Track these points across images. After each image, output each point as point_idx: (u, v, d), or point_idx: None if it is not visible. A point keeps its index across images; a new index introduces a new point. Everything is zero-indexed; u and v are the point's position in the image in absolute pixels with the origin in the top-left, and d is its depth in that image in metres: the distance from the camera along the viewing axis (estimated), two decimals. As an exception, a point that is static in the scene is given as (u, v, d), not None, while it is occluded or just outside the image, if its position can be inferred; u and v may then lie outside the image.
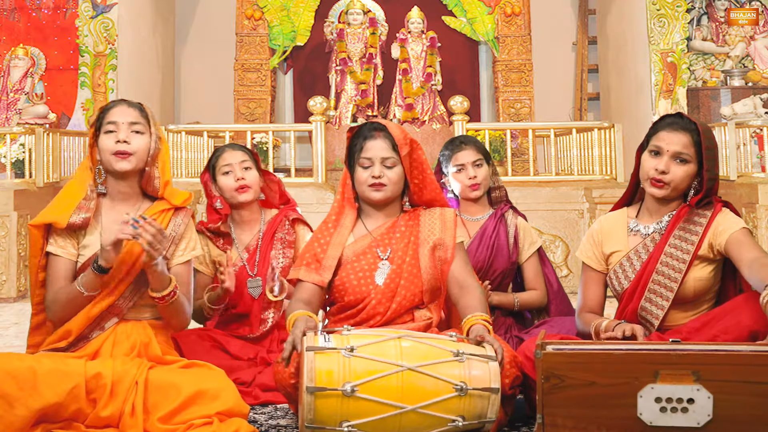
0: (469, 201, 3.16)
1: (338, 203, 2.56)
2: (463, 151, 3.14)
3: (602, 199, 5.50)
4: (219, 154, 3.06)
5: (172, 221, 2.48)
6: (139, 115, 2.45)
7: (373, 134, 2.50)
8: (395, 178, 2.48)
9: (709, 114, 7.17)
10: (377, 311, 2.43)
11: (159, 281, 2.33)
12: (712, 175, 2.41)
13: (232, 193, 2.99)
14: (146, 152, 2.43)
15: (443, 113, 7.51)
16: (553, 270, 3.21)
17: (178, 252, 2.48)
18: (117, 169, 2.40)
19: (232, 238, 3.03)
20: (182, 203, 2.50)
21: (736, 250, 2.33)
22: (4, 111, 7.15)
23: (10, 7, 7.34)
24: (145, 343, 2.40)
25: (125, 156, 2.40)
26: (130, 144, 2.40)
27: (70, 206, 2.39)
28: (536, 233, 3.24)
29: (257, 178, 3.03)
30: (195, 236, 2.55)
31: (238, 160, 3.00)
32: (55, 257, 2.39)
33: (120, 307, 2.39)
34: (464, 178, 3.11)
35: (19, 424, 2.07)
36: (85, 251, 2.40)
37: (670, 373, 1.90)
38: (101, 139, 2.43)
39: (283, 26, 8.31)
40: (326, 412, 2.00)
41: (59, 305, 2.35)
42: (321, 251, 2.49)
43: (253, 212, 3.06)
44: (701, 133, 2.40)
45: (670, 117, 2.47)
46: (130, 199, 2.47)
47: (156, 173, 2.46)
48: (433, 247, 2.48)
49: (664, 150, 2.41)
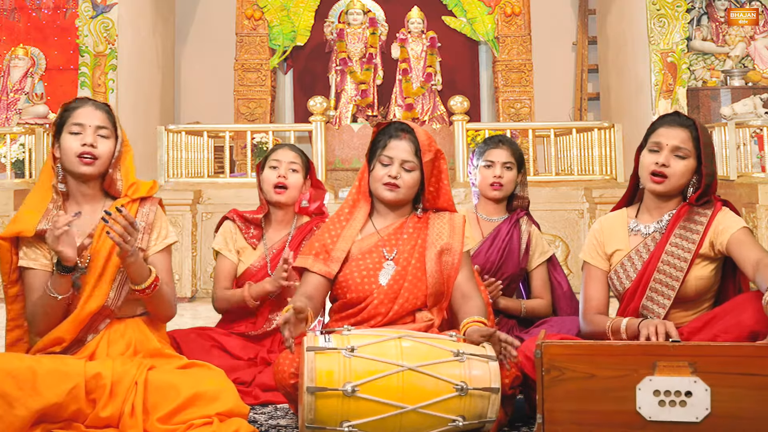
0: (488, 200, 3.15)
1: (353, 197, 2.56)
2: (498, 149, 3.13)
3: (602, 199, 5.50)
4: (275, 149, 3.13)
5: (139, 212, 2.44)
6: (106, 118, 2.41)
7: (400, 134, 2.49)
8: (411, 183, 2.48)
9: (709, 114, 7.17)
10: (378, 311, 2.42)
11: (138, 274, 2.30)
12: (710, 171, 2.44)
13: (269, 188, 3.02)
14: (110, 157, 2.39)
15: (443, 113, 7.51)
16: (565, 277, 3.21)
17: (151, 242, 2.45)
18: (81, 172, 2.36)
19: (262, 234, 3.05)
20: (147, 193, 2.46)
21: (739, 250, 2.34)
22: (4, 111, 7.16)
23: (10, 7, 7.34)
24: (141, 339, 2.39)
25: (91, 161, 2.35)
26: (96, 148, 2.35)
27: (38, 213, 2.34)
28: (548, 243, 3.24)
29: (299, 183, 3.05)
30: (166, 224, 2.51)
31: (287, 159, 3.05)
32: (29, 270, 2.34)
33: (110, 308, 2.36)
34: (489, 174, 3.11)
35: (19, 425, 2.06)
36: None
37: (667, 365, 1.91)
38: (65, 138, 2.37)
39: (283, 26, 8.31)
40: (327, 412, 2.00)
41: (39, 317, 2.32)
42: (331, 242, 2.48)
43: (287, 214, 3.09)
44: (698, 129, 2.44)
45: (668, 115, 2.52)
46: (93, 199, 2.43)
47: (118, 176, 2.42)
48: (440, 252, 2.47)
49: (663, 145, 2.44)
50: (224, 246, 3.05)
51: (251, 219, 3.05)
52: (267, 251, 3.03)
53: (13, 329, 2.41)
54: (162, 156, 5.84)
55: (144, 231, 2.43)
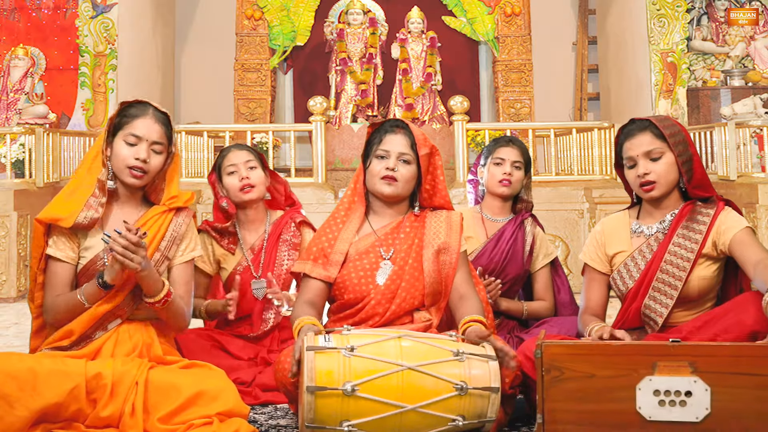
0: (495, 198, 3.15)
1: (348, 198, 2.55)
2: (508, 148, 3.15)
3: (602, 199, 5.50)
4: (224, 154, 3.08)
5: (173, 222, 2.45)
6: (163, 133, 2.40)
7: (395, 129, 2.50)
8: (408, 176, 2.48)
9: (709, 114, 7.17)
10: (376, 311, 2.42)
11: (150, 287, 2.30)
12: (686, 158, 2.45)
13: (236, 193, 2.99)
14: (159, 170, 2.42)
15: (443, 113, 7.51)
16: (566, 280, 3.21)
17: (178, 252, 2.47)
18: (127, 182, 2.38)
19: (237, 238, 3.03)
20: (183, 204, 2.48)
21: (740, 250, 2.33)
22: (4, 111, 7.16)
23: (10, 7, 7.34)
24: (148, 344, 2.39)
25: (140, 175, 2.37)
26: (147, 164, 2.37)
27: (79, 203, 2.34)
28: (552, 245, 3.24)
29: (262, 178, 3.03)
30: (196, 236, 2.53)
31: (242, 159, 3.01)
32: (55, 261, 2.34)
33: (123, 309, 2.37)
34: (499, 171, 3.11)
35: (20, 425, 2.06)
36: (86, 253, 2.37)
37: (667, 364, 1.91)
38: (119, 144, 2.37)
39: (283, 26, 8.31)
40: (326, 412, 2.00)
41: (58, 311, 2.32)
42: (328, 245, 2.48)
43: (258, 212, 3.06)
44: (658, 125, 2.45)
45: (626, 127, 2.53)
46: (133, 201, 2.45)
47: (162, 186, 2.45)
48: (437, 251, 2.46)
49: (635, 157, 2.46)
50: (199, 259, 2.94)
51: (221, 228, 3.01)
52: (246, 253, 3.02)
53: (39, 316, 2.41)
54: (162, 156, 5.84)
55: (174, 241, 2.44)
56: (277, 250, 3.01)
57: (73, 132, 6.48)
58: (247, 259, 3.00)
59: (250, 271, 2.98)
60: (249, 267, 2.99)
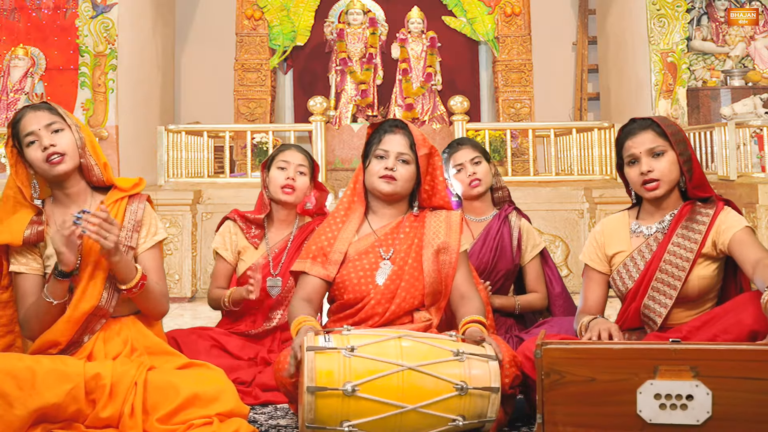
0: (473, 200, 3.16)
1: (348, 198, 2.56)
2: (460, 151, 3.17)
3: (602, 199, 5.50)
4: (282, 149, 3.12)
5: (127, 210, 2.42)
6: (50, 114, 2.37)
7: (394, 129, 2.51)
8: (407, 176, 2.49)
9: (709, 114, 7.16)
10: (376, 311, 2.42)
11: (124, 273, 2.28)
12: (686, 157, 2.45)
13: (276, 189, 3.03)
14: (75, 146, 2.36)
15: (443, 113, 7.51)
16: (557, 271, 3.21)
17: (141, 239, 2.43)
18: (56, 173, 2.33)
19: (264, 233, 3.06)
20: (132, 188, 2.44)
21: (740, 250, 2.34)
22: (4, 111, 7.15)
23: (10, 7, 7.34)
24: (137, 336, 2.38)
25: (59, 159, 2.32)
26: (56, 145, 2.32)
27: (23, 222, 2.32)
28: (539, 235, 3.25)
29: (306, 186, 3.07)
30: (155, 221, 2.49)
31: (296, 161, 3.06)
32: (21, 275, 2.34)
33: (104, 308, 2.34)
34: (464, 176, 3.13)
35: (19, 424, 2.06)
36: (50, 261, 2.35)
37: (668, 368, 1.91)
38: (27, 152, 2.34)
39: (283, 26, 8.31)
40: (327, 412, 2.00)
41: (33, 321, 2.30)
42: (328, 244, 2.48)
43: (290, 215, 3.10)
44: (660, 123, 2.47)
45: (627, 126, 2.54)
46: (80, 197, 2.41)
47: (92, 161, 2.39)
48: (437, 251, 2.47)
49: (637, 154, 2.46)
50: (222, 246, 3.06)
51: (253, 219, 3.06)
52: (269, 250, 3.04)
53: (5, 335, 2.40)
54: (162, 156, 5.85)
55: (133, 229, 2.41)
56: (299, 253, 3.02)
57: (73, 132, 6.47)
58: (268, 256, 3.02)
59: (269, 268, 3.01)
60: (268, 264, 3.01)
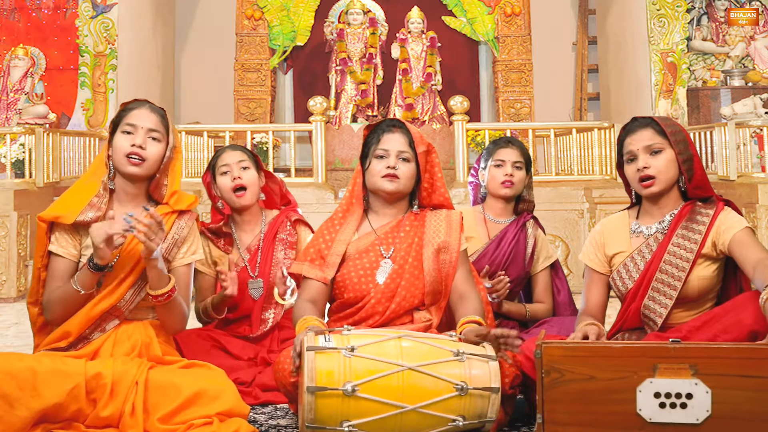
0: (497, 200, 3.15)
1: (347, 200, 2.56)
2: (507, 149, 3.16)
3: (602, 199, 5.51)
4: (218, 154, 3.08)
5: (175, 224, 2.47)
6: (159, 122, 2.44)
7: (391, 129, 2.51)
8: (408, 173, 2.49)
9: (709, 114, 7.17)
10: (376, 310, 2.42)
11: (158, 278, 2.32)
12: (686, 156, 2.46)
13: (230, 195, 2.98)
14: (159, 161, 2.43)
15: (443, 113, 7.51)
16: (566, 283, 3.21)
17: (179, 254, 2.48)
18: (127, 172, 2.39)
19: (233, 238, 3.03)
20: (187, 207, 2.49)
21: (740, 250, 2.34)
22: (4, 111, 7.16)
23: (10, 7, 7.34)
24: (146, 344, 2.39)
25: (138, 162, 2.38)
26: (145, 150, 2.38)
27: (81, 203, 2.37)
28: (553, 248, 3.25)
29: (255, 179, 3.02)
30: (198, 240, 2.54)
31: (235, 160, 3.01)
32: (56, 257, 2.37)
33: (121, 309, 2.37)
34: (500, 173, 3.12)
35: (20, 425, 2.06)
36: (87, 251, 2.38)
37: (668, 367, 1.91)
38: (117, 137, 2.41)
39: (283, 26, 8.31)
40: (327, 412, 2.00)
41: (56, 304, 2.34)
42: (325, 247, 2.49)
43: (253, 213, 3.06)
44: (659, 122, 2.48)
45: (628, 124, 2.56)
46: (136, 200, 2.46)
47: (165, 182, 2.46)
48: (437, 250, 2.47)
49: (635, 151, 2.47)
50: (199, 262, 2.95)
51: (216, 229, 3.01)
52: (243, 253, 3.01)
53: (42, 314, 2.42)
54: (162, 156, 5.84)
55: (175, 244, 2.45)
56: (273, 249, 3.01)
57: (73, 132, 6.48)
58: (243, 260, 2.99)
59: (247, 271, 2.98)
60: (246, 267, 2.99)
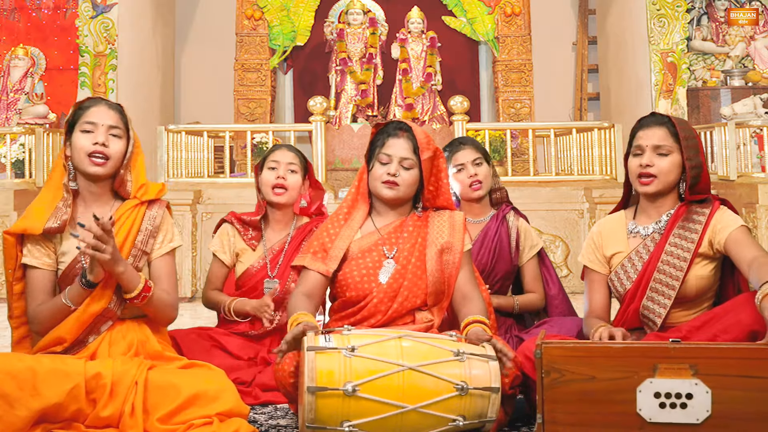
0: (471, 202, 3.15)
1: (352, 196, 2.56)
2: (462, 151, 3.14)
3: (602, 199, 5.51)
4: (273, 150, 3.13)
5: (146, 215, 2.43)
6: (119, 118, 2.39)
7: (398, 133, 2.50)
8: (410, 180, 2.48)
9: (709, 114, 7.17)
10: (378, 310, 2.43)
11: (127, 281, 2.28)
12: (695, 163, 2.45)
13: (268, 189, 3.03)
14: (122, 157, 2.38)
15: (443, 113, 7.51)
16: (554, 272, 3.20)
17: (156, 244, 2.44)
18: (90, 172, 2.35)
19: (261, 234, 3.06)
20: (156, 196, 2.46)
21: (736, 249, 2.34)
22: (4, 111, 7.15)
23: (10, 7, 7.34)
24: (143, 341, 2.38)
25: (102, 162, 2.34)
26: (107, 147, 2.34)
27: (47, 211, 2.33)
28: (537, 235, 3.24)
29: (298, 184, 3.06)
30: (172, 227, 2.50)
31: (286, 160, 3.06)
32: (32, 269, 2.33)
33: (113, 310, 2.35)
34: (465, 177, 3.11)
35: (20, 425, 2.06)
36: (64, 258, 2.36)
37: (668, 367, 1.91)
38: (76, 137, 2.35)
39: (283, 26, 8.31)
40: (327, 412, 2.00)
41: (43, 318, 2.31)
42: (329, 241, 2.49)
43: (286, 215, 3.10)
44: (676, 125, 2.47)
45: (645, 117, 2.55)
46: (102, 198, 2.42)
47: (129, 177, 2.41)
48: (440, 250, 2.47)
49: (644, 146, 2.48)
50: (220, 249, 3.07)
51: (249, 221, 3.07)
52: (266, 252, 3.04)
53: (19, 326, 2.40)
54: (162, 156, 5.85)
55: (150, 234, 2.43)
56: (296, 254, 3.02)
57: (73, 132, 6.47)
58: (266, 258, 3.02)
59: (266, 270, 3.01)
60: (266, 266, 3.02)
